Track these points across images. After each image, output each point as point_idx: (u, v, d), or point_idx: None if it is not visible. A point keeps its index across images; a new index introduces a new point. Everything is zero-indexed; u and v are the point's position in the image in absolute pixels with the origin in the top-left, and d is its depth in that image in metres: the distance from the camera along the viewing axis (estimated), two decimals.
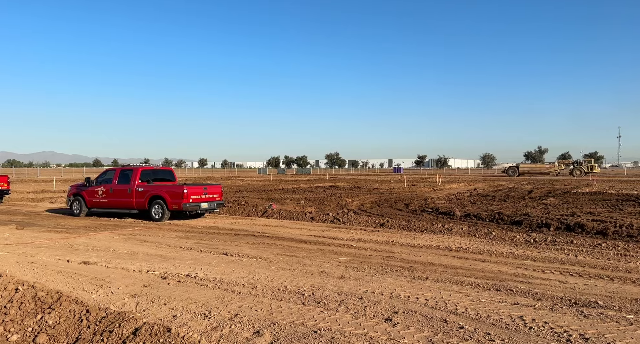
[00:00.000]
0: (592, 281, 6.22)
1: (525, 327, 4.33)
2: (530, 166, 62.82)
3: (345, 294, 5.56)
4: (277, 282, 6.16)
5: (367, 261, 7.61)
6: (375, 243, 9.58)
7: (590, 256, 7.99)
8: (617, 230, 10.53)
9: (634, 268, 6.95)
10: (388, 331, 4.28)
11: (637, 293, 5.52)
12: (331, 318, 4.67)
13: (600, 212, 14.47)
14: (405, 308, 4.98)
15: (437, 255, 8.19)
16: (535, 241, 9.60)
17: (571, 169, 54.67)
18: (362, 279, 6.35)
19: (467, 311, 4.85)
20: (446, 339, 4.04)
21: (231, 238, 10.28)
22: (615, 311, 4.81)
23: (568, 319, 4.53)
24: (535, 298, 5.35)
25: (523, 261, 7.65)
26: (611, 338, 4.01)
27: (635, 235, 10.03)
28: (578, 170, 53.17)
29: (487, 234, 10.53)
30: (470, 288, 5.85)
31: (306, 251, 8.63)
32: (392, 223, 12.47)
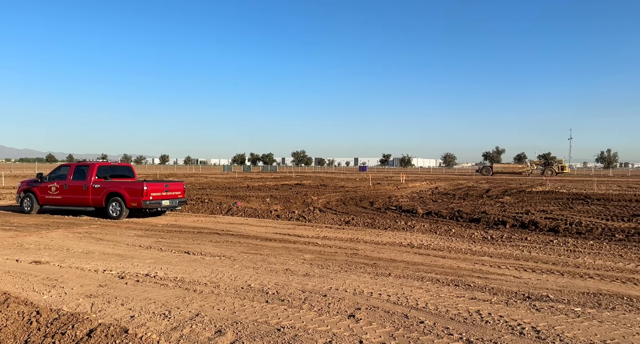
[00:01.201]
0: (544, 276, 6.54)
1: (482, 321, 4.49)
2: (503, 166, 64.85)
3: (309, 291, 5.56)
4: (241, 281, 6.09)
5: (332, 259, 7.66)
6: (340, 240, 9.65)
7: (542, 252, 8.39)
8: (567, 227, 11.12)
9: (582, 263, 7.37)
10: (351, 327, 4.33)
11: (584, 287, 5.85)
12: (295, 315, 4.67)
13: (553, 210, 15.25)
14: (368, 304, 5.05)
15: (399, 252, 8.36)
16: (492, 238, 9.98)
17: (542, 169, 56.94)
18: (326, 276, 6.38)
19: (428, 306, 4.97)
20: (407, 334, 4.13)
21: (193, 237, 10.06)
22: (565, 304, 5.08)
23: (522, 313, 4.74)
24: (491, 292, 5.57)
25: (480, 257, 7.93)
26: (560, 329, 4.23)
27: (583, 232, 10.63)
28: (549, 170, 55.50)
29: (447, 231, 10.84)
30: (430, 283, 6.01)
31: (271, 249, 8.57)
32: (357, 220, 12.61)
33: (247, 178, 44.51)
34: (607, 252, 8.28)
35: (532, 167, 59.55)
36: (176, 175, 51.87)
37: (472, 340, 3.97)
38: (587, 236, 10.11)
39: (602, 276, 6.45)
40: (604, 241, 9.52)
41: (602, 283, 6.12)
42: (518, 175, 55.63)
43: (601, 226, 11.06)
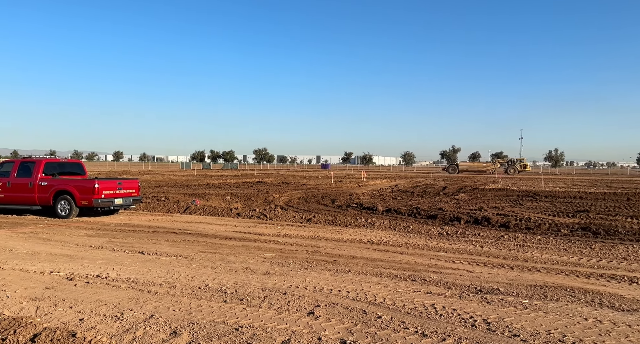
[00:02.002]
0: (495, 270, 6.84)
1: (437, 314, 4.63)
2: (469, 164, 66.91)
3: (269, 290, 5.52)
4: (198, 280, 5.95)
5: (293, 257, 7.64)
6: (301, 238, 9.65)
7: (494, 247, 8.77)
8: (517, 223, 11.69)
9: (530, 258, 7.77)
10: (310, 324, 4.33)
11: (532, 280, 6.17)
12: (254, 314, 4.62)
13: (504, 207, 15.98)
14: (328, 300, 5.08)
15: (359, 249, 8.47)
16: (447, 234, 10.32)
17: (506, 167, 59.37)
18: (286, 274, 6.36)
19: (385, 301, 5.07)
20: (364, 330, 4.19)
21: (149, 236, 9.73)
22: (514, 297, 5.33)
23: (474, 306, 4.93)
24: (446, 286, 5.75)
25: (436, 252, 8.18)
26: (509, 321, 4.44)
27: (532, 227, 11.21)
28: (512, 168, 57.97)
29: (405, 228, 11.10)
30: (388, 279, 6.13)
31: (231, 248, 8.44)
32: (318, 218, 12.65)
33: (206, 175, 43.59)
34: (553, 246, 8.77)
35: (496, 165, 62.05)
36: (131, 172, 49.97)
37: (426, 333, 4.09)
38: (535, 232, 10.66)
39: (548, 270, 6.83)
40: (551, 236, 10.08)
41: (548, 276, 6.48)
42: (483, 173, 57.80)
43: (548, 222, 11.70)
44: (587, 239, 9.65)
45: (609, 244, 8.95)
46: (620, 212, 14.27)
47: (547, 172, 60.73)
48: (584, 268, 6.94)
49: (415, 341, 3.92)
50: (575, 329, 4.20)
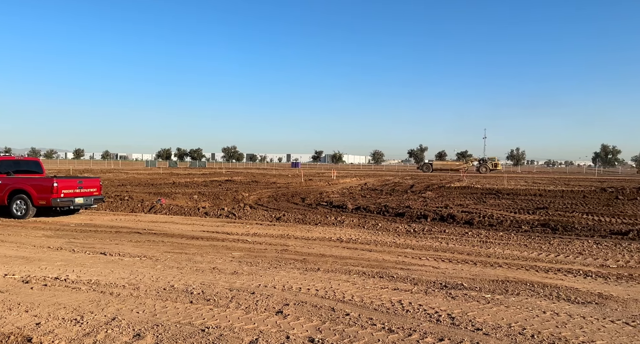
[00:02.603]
0: (459, 265, 7.03)
1: (403, 310, 4.72)
2: (442, 163, 68.32)
3: (237, 290, 5.45)
4: (163, 281, 5.80)
5: (262, 256, 7.58)
6: (270, 237, 9.59)
7: (459, 243, 9.02)
8: (481, 220, 12.06)
9: (493, 253, 8.03)
10: (278, 323, 4.31)
11: (494, 275, 6.38)
12: (221, 315, 4.55)
13: (468, 204, 16.46)
14: (297, 299, 5.07)
15: (329, 247, 8.50)
16: (414, 231, 10.52)
17: (478, 166, 61.02)
18: (255, 273, 6.30)
19: (354, 298, 5.11)
20: (333, 327, 4.21)
21: (111, 236, 9.40)
22: (477, 291, 5.49)
23: (439, 301, 5.05)
24: (412, 283, 5.86)
25: (404, 249, 8.33)
26: (472, 315, 4.57)
27: (495, 224, 11.60)
28: (484, 167, 59.70)
29: (374, 225, 11.24)
30: (357, 276, 6.18)
31: (197, 247, 8.28)
32: (288, 216, 12.61)
33: (173, 174, 42.59)
34: (514, 242, 9.11)
35: (469, 164, 63.77)
36: (92, 170, 48.16)
37: (393, 329, 4.15)
38: (497, 228, 11.04)
39: (509, 265, 7.08)
40: (512, 232, 10.46)
41: (510, 271, 6.72)
42: (456, 171, 59.23)
43: (510, 219, 12.14)
44: (546, 235, 10.08)
45: (566, 240, 9.38)
46: (576, 209, 14.99)
47: (509, 170, 63.11)
48: (543, 263, 7.24)
49: (382, 337, 3.97)
50: (534, 322, 4.38)
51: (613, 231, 10.33)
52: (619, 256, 7.78)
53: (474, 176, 46.04)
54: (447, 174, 51.69)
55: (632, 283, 6.05)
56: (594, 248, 8.49)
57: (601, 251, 8.19)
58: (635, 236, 9.68)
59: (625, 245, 8.69)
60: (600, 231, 10.33)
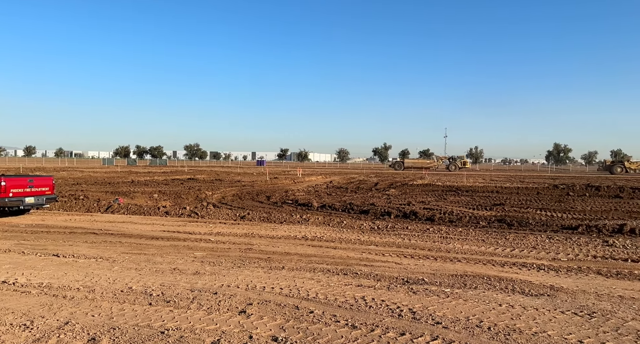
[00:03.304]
0: (421, 261, 7.20)
1: (366, 306, 4.77)
2: (413, 161, 69.58)
3: (199, 290, 5.33)
4: (121, 283, 5.59)
5: (225, 255, 7.45)
6: (234, 236, 9.45)
7: (420, 239, 9.23)
8: (441, 217, 12.41)
9: (452, 249, 8.28)
10: (241, 323, 4.25)
11: (453, 270, 6.58)
12: (181, 316, 4.43)
13: (430, 201, 16.89)
14: (260, 298, 5.01)
15: (294, 245, 8.48)
16: (378, 228, 10.68)
17: (447, 164, 62.65)
18: (218, 273, 6.18)
19: (318, 296, 5.12)
20: (296, 325, 4.20)
21: (65, 237, 8.96)
22: (437, 286, 5.64)
23: (401, 296, 5.15)
24: (375, 279, 5.94)
25: (367, 246, 8.44)
26: (432, 309, 4.69)
27: (454, 220, 11.96)
28: (453, 165, 61.40)
29: (339, 223, 11.31)
30: (322, 274, 6.20)
31: (157, 248, 8.03)
32: (252, 215, 12.47)
33: (132, 172, 41.15)
34: (472, 238, 9.43)
35: (439, 162, 65.45)
36: (44, 169, 45.72)
37: (356, 325, 4.19)
38: (457, 224, 11.39)
39: (468, 260, 7.32)
40: (471, 228, 10.83)
41: (468, 265, 6.95)
42: (427, 169, 60.52)
43: (469, 215, 12.56)
44: (503, 230, 10.50)
45: (521, 234, 9.81)
46: (531, 205, 15.71)
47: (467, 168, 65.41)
48: (499, 258, 7.53)
49: (345, 334, 4.00)
50: (491, 315, 4.54)
51: (564, 226, 10.90)
52: (569, 250, 8.21)
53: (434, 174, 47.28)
54: (410, 172, 52.82)
55: (580, 275, 6.41)
56: (546, 242, 8.92)
57: (553, 245, 8.62)
58: (584, 231, 10.26)
59: (575, 239, 9.19)
60: (552, 226, 10.88)
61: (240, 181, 27.97)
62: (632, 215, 13.19)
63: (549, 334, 4.01)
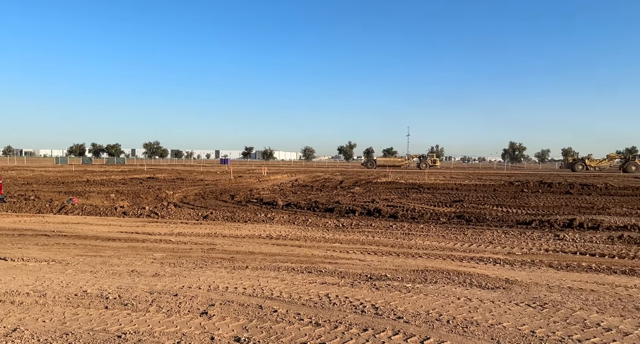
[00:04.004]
0: (384, 257, 7.32)
1: (330, 303, 4.80)
2: (385, 159, 70.44)
3: (158, 292, 5.17)
4: (75, 287, 5.33)
5: (187, 256, 7.28)
6: (196, 236, 9.25)
7: (384, 236, 9.39)
8: (404, 213, 12.67)
9: (414, 245, 8.47)
10: (203, 324, 4.16)
11: (415, 265, 6.73)
12: (140, 319, 4.28)
13: (393, 198, 17.22)
14: (223, 299, 4.93)
15: (258, 244, 8.40)
16: (343, 225, 10.77)
17: (418, 162, 63.83)
18: (179, 274, 6.03)
19: (282, 295, 5.09)
20: (260, 325, 4.16)
21: (13, 240, 8.46)
22: (399, 282, 5.75)
23: (364, 293, 5.21)
24: (340, 276, 5.99)
25: (332, 244, 8.49)
26: (394, 305, 4.78)
27: (416, 217, 12.25)
28: (424, 163, 62.64)
29: (304, 221, 11.31)
30: (286, 272, 6.17)
31: (114, 250, 7.73)
32: (216, 214, 12.25)
33: (87, 171, 39.42)
34: (433, 234, 9.69)
35: (410, 160, 66.67)
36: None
37: (320, 323, 4.21)
38: (419, 221, 11.67)
39: (429, 255, 7.52)
40: (432, 224, 11.12)
41: (429, 260, 7.14)
42: (398, 167, 61.40)
43: (430, 212, 12.90)
44: (462, 226, 10.85)
45: (479, 230, 10.18)
46: (488, 201, 16.33)
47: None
48: (458, 252, 7.78)
49: (309, 332, 4.00)
50: (450, 308, 4.68)
51: (519, 221, 11.40)
52: (523, 244, 8.60)
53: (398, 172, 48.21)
54: (375, 170, 53.62)
55: (533, 268, 6.72)
56: (502, 237, 9.30)
57: (508, 240, 9.00)
58: (537, 226, 10.78)
59: (529, 234, 9.64)
60: (507, 222, 11.36)
61: (203, 180, 27.42)
62: (580, 210, 13.99)
63: (504, 325, 4.18)
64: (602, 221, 10.84)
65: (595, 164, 57.76)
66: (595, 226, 10.47)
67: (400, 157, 72.23)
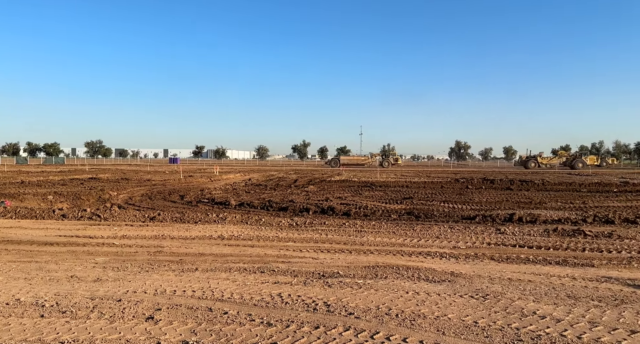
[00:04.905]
0: (336, 255, 7.39)
1: (282, 303, 4.77)
2: (349, 158, 70.80)
3: (100, 298, 4.91)
4: (6, 295, 4.94)
5: (132, 259, 6.96)
6: (142, 238, 8.87)
7: (337, 234, 9.48)
8: (357, 211, 12.88)
9: (366, 241, 8.63)
10: (148, 330, 4.00)
11: (366, 262, 6.85)
12: (79, 327, 4.04)
13: (347, 197, 17.45)
14: (170, 303, 4.76)
15: (209, 245, 8.19)
16: (297, 224, 10.76)
17: (381, 161, 64.75)
18: (123, 279, 5.75)
19: (233, 296, 5.00)
20: (209, 328, 4.06)
21: None
22: (351, 278, 5.83)
23: (316, 291, 5.24)
24: (293, 275, 5.97)
25: (286, 243, 8.45)
26: (346, 301, 4.84)
27: (369, 214, 12.49)
28: (387, 162, 63.55)
29: (257, 221, 11.18)
30: (238, 273, 6.07)
31: (52, 254, 7.24)
32: (164, 216, 11.81)
33: (22, 172, 36.69)
34: (384, 230, 9.92)
35: (373, 159, 67.61)
36: None
37: (272, 322, 4.17)
38: (371, 218, 11.91)
39: (380, 251, 7.69)
40: (383, 221, 11.38)
41: (380, 256, 7.29)
42: (362, 166, 61.92)
43: (382, 209, 13.20)
44: (411, 222, 11.20)
45: (427, 225, 10.55)
46: (436, 198, 16.97)
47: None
48: (407, 248, 8.02)
49: (260, 332, 3.96)
50: (399, 302, 4.81)
51: (464, 216, 11.94)
52: (468, 238, 9.01)
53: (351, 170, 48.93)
54: (329, 169, 54.06)
55: (477, 261, 7.06)
56: (448, 232, 9.69)
57: (454, 234, 9.40)
58: (481, 221, 11.34)
59: (473, 228, 10.11)
60: (454, 217, 11.86)
61: (151, 181, 26.37)
62: (520, 205, 14.89)
63: (449, 317, 4.35)
64: (539, 215, 11.60)
65: (547, 161, 61.89)
66: (533, 220, 11.18)
67: (364, 156, 73.51)
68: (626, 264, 6.84)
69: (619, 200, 16.30)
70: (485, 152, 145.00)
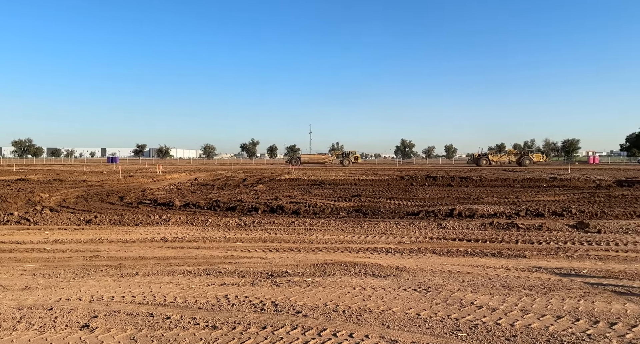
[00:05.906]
0: (285, 254, 7.37)
1: (229, 304, 4.68)
2: (310, 156, 70.32)
3: (29, 307, 4.54)
4: None
5: (65, 265, 6.51)
6: (77, 243, 8.32)
7: (286, 233, 9.45)
8: (306, 209, 12.90)
9: (315, 239, 8.68)
10: (83, 339, 3.76)
11: (315, 260, 6.89)
12: (4, 339, 3.72)
13: (296, 195, 17.44)
14: (108, 309, 4.51)
15: (151, 248, 7.85)
16: (245, 224, 10.59)
17: (341, 159, 64.69)
18: (55, 286, 5.36)
19: (176, 300, 4.83)
20: (150, 333, 3.89)
21: None
22: (299, 277, 5.84)
23: (264, 291, 5.19)
24: (240, 276, 5.87)
25: (233, 243, 8.29)
26: (294, 300, 4.84)
27: (318, 212, 12.55)
28: (347, 160, 63.56)
29: (204, 222, 10.87)
30: (182, 276, 5.87)
31: None
32: (101, 218, 11.16)
33: None
34: (333, 228, 10.02)
35: (333, 157, 67.69)
36: None
37: (217, 325, 4.07)
38: (320, 216, 11.99)
39: (328, 249, 7.76)
40: (332, 219, 11.50)
41: (328, 254, 7.36)
42: (322, 164, 61.65)
43: (330, 207, 13.33)
44: (359, 219, 11.41)
45: (374, 222, 10.79)
46: (382, 195, 17.42)
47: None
48: (355, 245, 8.16)
49: (205, 336, 3.85)
50: (346, 299, 4.88)
51: (409, 212, 12.35)
52: (412, 233, 9.33)
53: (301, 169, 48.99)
54: (278, 167, 53.76)
55: (420, 255, 7.33)
56: (394, 228, 9.98)
57: (399, 230, 9.69)
58: (424, 216, 11.79)
59: (417, 224, 10.49)
60: (399, 213, 12.23)
61: (87, 181, 24.82)
62: (460, 200, 15.65)
63: (393, 310, 4.48)
64: (477, 210, 12.26)
65: (497, 159, 65.63)
66: (471, 215, 11.79)
67: (325, 154, 73.92)
68: (554, 254, 7.40)
69: (548, 194, 17.63)
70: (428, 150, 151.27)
